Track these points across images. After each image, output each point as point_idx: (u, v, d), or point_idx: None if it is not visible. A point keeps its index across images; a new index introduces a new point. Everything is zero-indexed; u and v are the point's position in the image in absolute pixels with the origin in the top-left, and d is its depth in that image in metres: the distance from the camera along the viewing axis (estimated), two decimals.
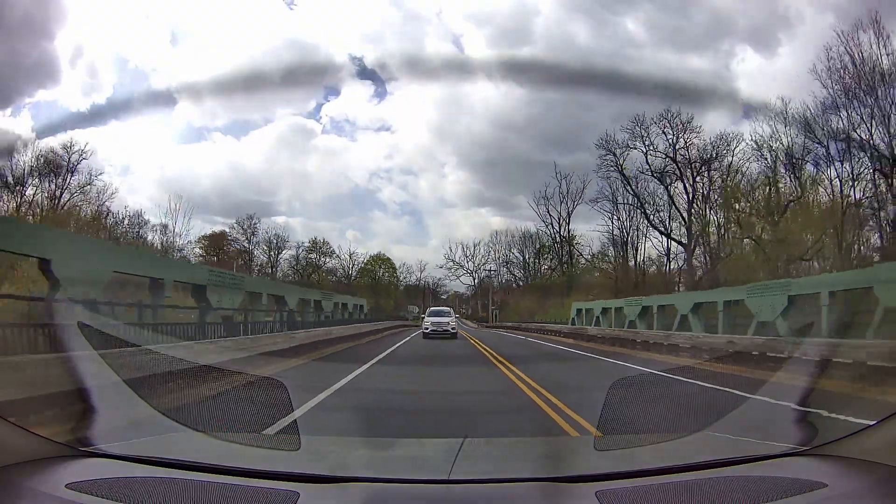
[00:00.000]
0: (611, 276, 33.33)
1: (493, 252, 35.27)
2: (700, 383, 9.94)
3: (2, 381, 5.69)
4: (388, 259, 37.35)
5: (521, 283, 34.14)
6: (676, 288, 32.12)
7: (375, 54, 49.53)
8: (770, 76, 43.22)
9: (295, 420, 4.23)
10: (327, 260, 36.41)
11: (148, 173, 59.64)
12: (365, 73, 50.60)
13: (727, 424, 4.32)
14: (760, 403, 7.11)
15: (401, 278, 38.68)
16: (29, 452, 2.00)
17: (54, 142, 33.32)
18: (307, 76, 44.90)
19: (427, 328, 28.17)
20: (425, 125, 59.23)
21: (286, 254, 37.26)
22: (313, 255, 35.81)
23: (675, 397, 7.53)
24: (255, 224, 36.86)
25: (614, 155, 35.39)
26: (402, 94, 56.48)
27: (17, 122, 39.71)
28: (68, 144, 31.51)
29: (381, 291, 37.05)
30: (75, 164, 31.76)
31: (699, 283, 29.70)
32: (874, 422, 2.04)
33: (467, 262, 35.80)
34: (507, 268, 35.95)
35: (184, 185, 55.44)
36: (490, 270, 35.23)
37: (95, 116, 39.61)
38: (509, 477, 2.08)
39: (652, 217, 34.39)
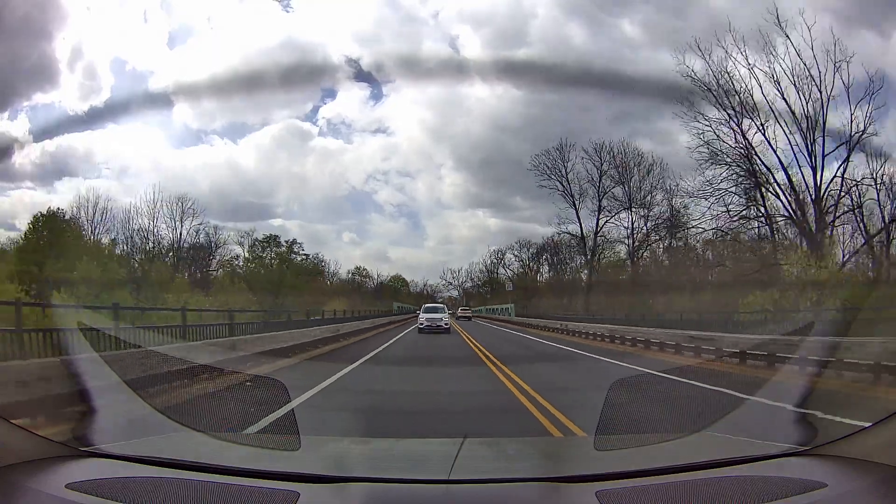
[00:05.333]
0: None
1: (470, 273, 55.61)
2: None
3: (3, 382, 5.69)
4: (404, 278, 56.36)
5: (481, 292, 57.80)
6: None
7: (372, 56, 48.94)
8: (768, 77, 43.22)
9: (295, 417, 4.30)
10: (366, 280, 53.96)
11: (145, 176, 59.30)
12: (361, 75, 49.75)
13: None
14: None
15: (410, 288, 57.32)
16: (29, 452, 1.99)
17: (51, 145, 33.30)
18: (304, 78, 44.69)
19: (422, 324, 26.90)
20: (422, 127, 58.39)
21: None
22: (356, 277, 53.02)
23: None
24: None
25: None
26: (399, 96, 55.58)
27: (13, 126, 39.49)
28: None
29: (399, 299, 54.75)
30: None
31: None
32: (870, 423, 2.04)
33: (455, 280, 55.76)
34: (474, 282, 57.32)
35: (181, 187, 55.67)
36: (467, 286, 56.48)
37: (93, 119, 39.18)
38: (509, 477, 2.08)
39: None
